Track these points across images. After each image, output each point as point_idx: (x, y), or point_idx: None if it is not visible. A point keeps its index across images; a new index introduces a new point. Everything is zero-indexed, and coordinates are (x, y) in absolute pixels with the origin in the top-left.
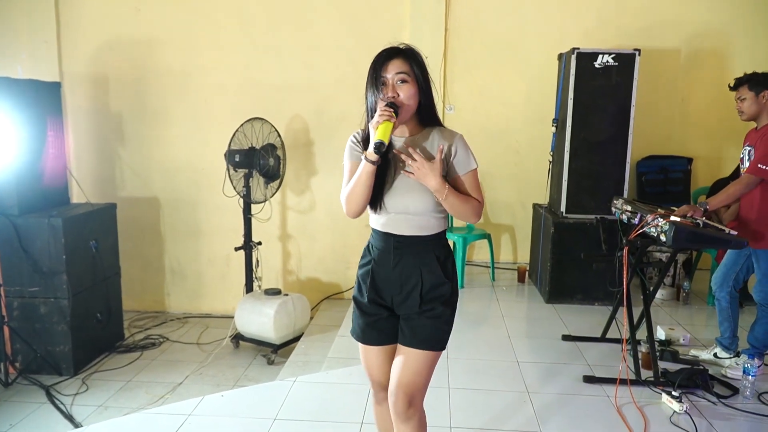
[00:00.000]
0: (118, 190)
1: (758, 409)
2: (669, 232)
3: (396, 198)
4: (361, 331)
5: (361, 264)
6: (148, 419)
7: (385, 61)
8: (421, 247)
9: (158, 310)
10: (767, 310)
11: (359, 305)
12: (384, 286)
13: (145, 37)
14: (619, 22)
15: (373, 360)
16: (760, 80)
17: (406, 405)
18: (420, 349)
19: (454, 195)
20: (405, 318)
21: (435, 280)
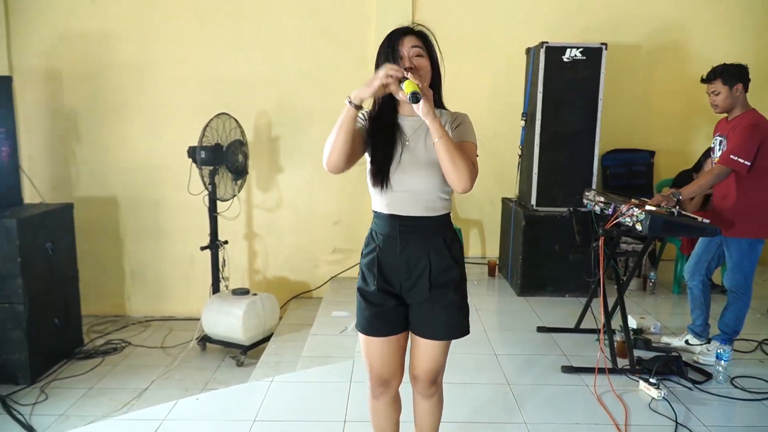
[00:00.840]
0: (74, 189)
1: (732, 393)
2: (645, 222)
3: (402, 175)
4: (368, 322)
5: (364, 253)
6: (120, 426)
7: (401, 36)
8: (428, 230)
9: (118, 314)
10: (738, 296)
11: (365, 296)
12: (391, 272)
13: (100, 30)
14: (582, 18)
15: (378, 352)
16: (733, 73)
17: (429, 385)
18: (440, 340)
19: (452, 140)
20: (417, 307)
21: (443, 264)
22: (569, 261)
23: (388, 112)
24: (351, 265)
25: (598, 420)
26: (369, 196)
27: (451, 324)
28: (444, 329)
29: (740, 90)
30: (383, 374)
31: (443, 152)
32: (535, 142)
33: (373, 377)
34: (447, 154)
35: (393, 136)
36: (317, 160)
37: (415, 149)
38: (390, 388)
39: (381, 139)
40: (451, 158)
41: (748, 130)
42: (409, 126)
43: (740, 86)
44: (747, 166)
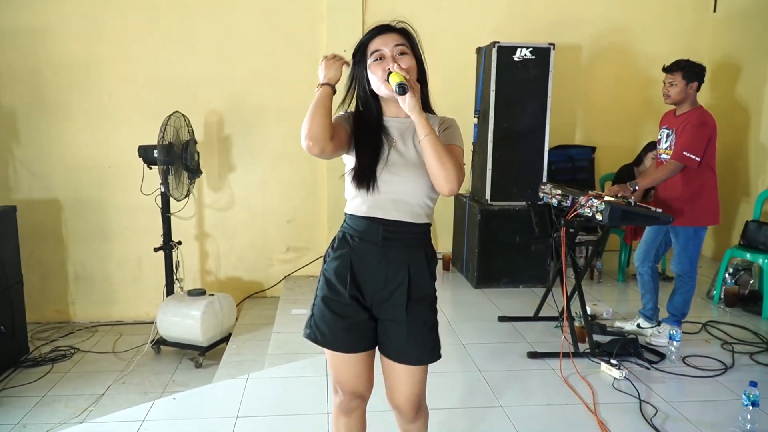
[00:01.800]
0: (13, 192)
1: (685, 371)
2: (605, 211)
3: (389, 176)
4: (336, 337)
5: (333, 257)
6: (99, 429)
7: (379, 34)
8: (411, 240)
9: (62, 321)
10: (684, 280)
11: (331, 306)
12: (365, 280)
13: (40, 26)
14: (527, 19)
15: (348, 368)
16: (694, 71)
17: (415, 413)
18: (418, 365)
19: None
20: (389, 325)
21: (422, 279)
22: (523, 253)
23: (373, 113)
24: (305, 263)
25: (569, 401)
26: (322, 192)
27: (426, 349)
28: (423, 352)
29: (694, 88)
30: (357, 389)
31: (430, 150)
32: (488, 138)
33: (345, 393)
34: (434, 152)
35: (379, 136)
36: (270, 157)
37: (402, 150)
38: (364, 401)
39: (367, 138)
40: (438, 157)
41: (699, 128)
42: (395, 127)
43: (695, 84)
44: (698, 162)
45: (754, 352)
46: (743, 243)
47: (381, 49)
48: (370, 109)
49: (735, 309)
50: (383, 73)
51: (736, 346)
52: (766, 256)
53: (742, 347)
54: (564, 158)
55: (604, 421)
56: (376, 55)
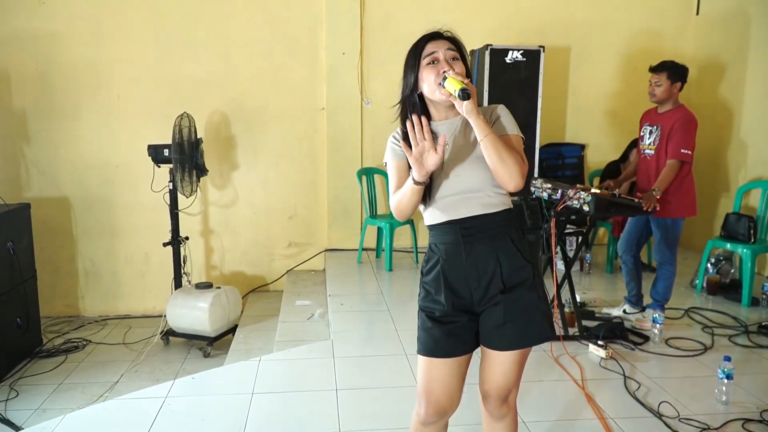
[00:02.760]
0: (24, 190)
1: (667, 351)
2: (591, 203)
3: (448, 182)
4: (435, 342)
5: (427, 269)
6: (126, 405)
7: (431, 39)
8: (491, 229)
9: (72, 315)
10: (665, 267)
11: (432, 315)
12: (459, 284)
13: (49, 31)
14: (518, 22)
15: (442, 376)
16: (678, 71)
17: (500, 404)
18: (513, 350)
19: (497, 136)
20: (489, 313)
21: (514, 264)
22: None
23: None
24: (306, 258)
25: (559, 377)
26: (323, 190)
27: (526, 329)
28: (517, 337)
29: (678, 88)
30: (442, 402)
31: (491, 150)
32: None
33: (430, 405)
34: (494, 152)
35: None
36: (272, 156)
37: (456, 150)
38: (444, 418)
39: None
40: (499, 156)
41: (688, 125)
42: (445, 130)
43: (679, 84)
44: (691, 156)
45: (732, 335)
46: (724, 234)
47: (434, 51)
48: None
49: (717, 297)
50: (437, 77)
51: (716, 330)
52: (745, 247)
53: (721, 330)
54: (554, 155)
55: (591, 395)
56: (430, 59)
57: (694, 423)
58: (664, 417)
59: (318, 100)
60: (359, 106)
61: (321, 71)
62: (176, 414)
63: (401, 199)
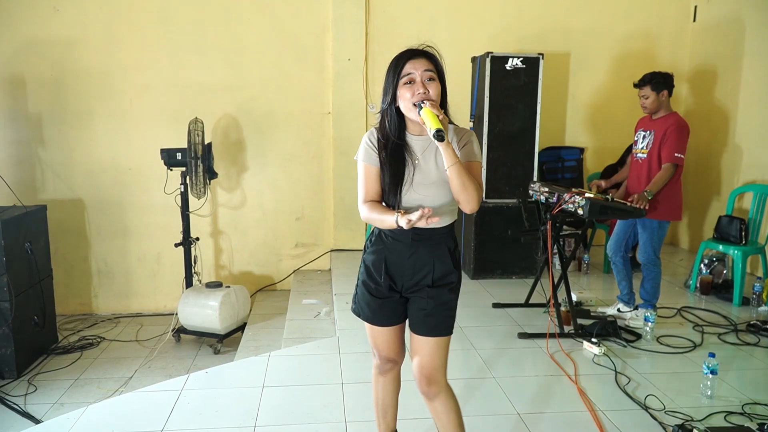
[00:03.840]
0: (39, 192)
1: (658, 349)
2: (585, 206)
3: (414, 195)
4: (373, 313)
5: (371, 251)
6: (143, 397)
7: (411, 58)
8: (436, 239)
9: (85, 313)
10: (650, 268)
11: (369, 289)
12: (396, 272)
13: (64, 38)
14: (519, 29)
15: (384, 338)
16: (660, 81)
17: (427, 384)
18: (431, 336)
19: (462, 166)
20: (414, 305)
21: (445, 269)
22: (515, 247)
23: (398, 134)
24: (313, 258)
25: (554, 373)
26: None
27: (443, 323)
28: (435, 326)
29: (665, 95)
30: (390, 356)
31: (455, 179)
32: (483, 141)
33: (381, 358)
34: (459, 181)
35: (403, 157)
36: (280, 159)
37: (426, 168)
38: (397, 365)
39: (391, 161)
40: (462, 184)
41: (681, 130)
42: (418, 145)
43: (665, 92)
44: (683, 159)
45: (722, 333)
46: (717, 236)
47: (412, 72)
48: (394, 126)
49: (709, 296)
50: (412, 96)
51: (706, 328)
52: (736, 248)
53: (712, 329)
54: (554, 159)
55: (584, 389)
56: (407, 79)
57: (678, 415)
58: (650, 409)
59: (324, 105)
60: (364, 110)
61: (327, 77)
62: (192, 406)
63: (374, 220)
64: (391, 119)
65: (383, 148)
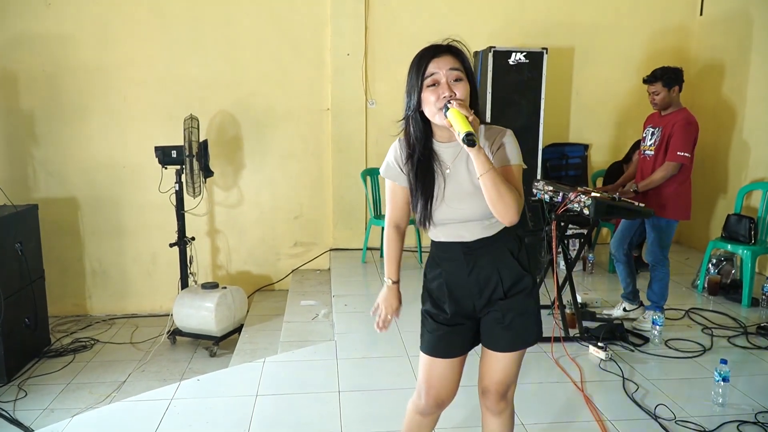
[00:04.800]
0: (32, 191)
1: (667, 353)
2: (591, 206)
3: (448, 210)
4: (438, 341)
5: (430, 277)
6: (131, 407)
7: (434, 57)
8: (492, 246)
9: (80, 314)
10: (657, 268)
11: (435, 318)
12: (462, 295)
13: (56, 33)
14: (522, 23)
15: (441, 373)
16: (671, 76)
17: (499, 400)
18: (511, 351)
19: (497, 172)
20: (490, 317)
21: (515, 276)
22: None
23: (424, 143)
24: (312, 257)
25: (559, 379)
26: (328, 190)
27: (523, 335)
28: (515, 339)
29: (676, 91)
30: (441, 395)
31: (489, 187)
32: None
33: (430, 397)
34: (493, 190)
35: (431, 168)
36: (278, 157)
37: (458, 178)
38: (442, 408)
39: (418, 175)
40: (498, 192)
41: (687, 127)
42: (448, 154)
43: (676, 88)
44: (690, 159)
45: (732, 336)
46: (725, 235)
47: (436, 72)
48: (420, 133)
49: (717, 297)
50: (437, 100)
51: (715, 331)
52: (745, 248)
53: (721, 332)
54: (558, 155)
55: (590, 396)
56: (431, 80)
57: (690, 425)
58: (660, 419)
59: (323, 101)
60: (364, 106)
61: (326, 72)
62: (182, 416)
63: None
64: (416, 126)
65: (408, 160)
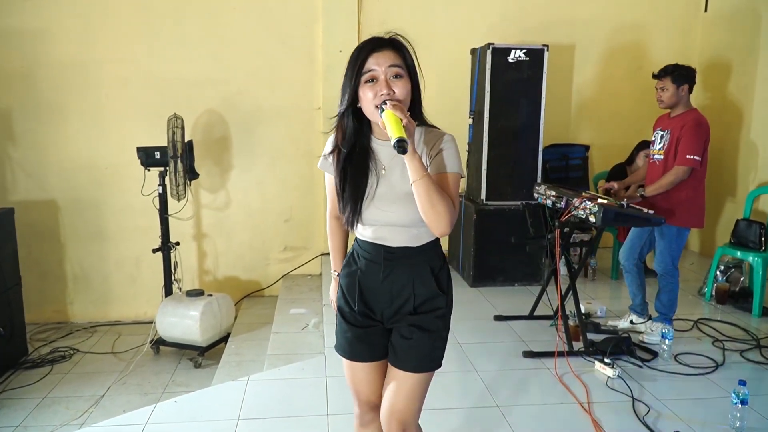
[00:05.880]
0: (9, 193)
1: (677, 369)
2: (598, 213)
3: (378, 212)
4: (349, 345)
5: (344, 273)
6: None
7: (373, 51)
8: (414, 258)
9: (60, 321)
10: (667, 279)
11: (345, 316)
12: (372, 298)
13: (34, 27)
14: (521, 20)
15: (362, 377)
16: (682, 74)
17: (399, 428)
18: (415, 372)
19: (432, 180)
20: (396, 333)
21: (429, 293)
22: (518, 252)
23: (358, 140)
24: (303, 262)
25: (563, 399)
26: (319, 191)
27: (428, 356)
28: (419, 360)
29: (686, 90)
30: (371, 400)
31: (422, 195)
32: (483, 139)
33: (361, 404)
34: (425, 198)
35: (365, 166)
36: (267, 157)
37: (391, 180)
38: (377, 410)
39: (351, 171)
40: (430, 201)
41: (696, 129)
42: (386, 152)
43: (686, 87)
44: (699, 162)
45: (744, 350)
46: (734, 241)
47: (374, 69)
48: (351, 132)
49: (726, 306)
50: (374, 97)
51: (726, 344)
52: (755, 254)
53: (732, 344)
54: (558, 157)
55: (598, 420)
56: (368, 76)
57: None
58: None
59: (314, 100)
60: None
61: (317, 70)
62: None
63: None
64: (349, 123)
65: (342, 155)
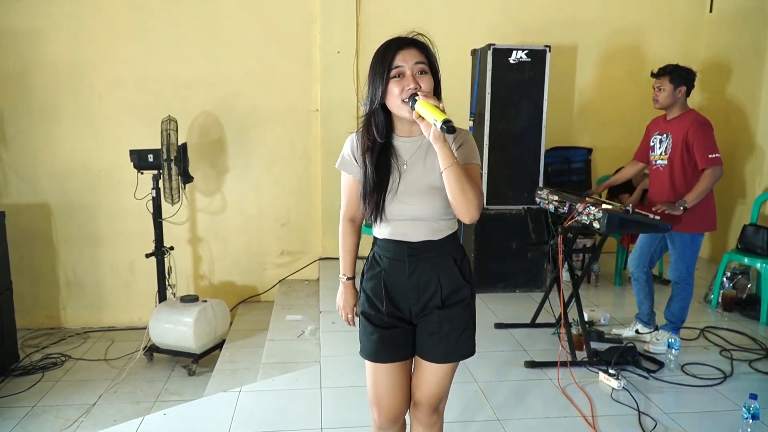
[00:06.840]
0: (1, 196)
1: (684, 380)
2: (603, 219)
3: (401, 206)
4: (375, 347)
5: (368, 276)
6: None
7: (399, 49)
8: (437, 251)
9: (53, 327)
10: (681, 287)
11: (371, 319)
12: (400, 297)
13: (27, 28)
14: (522, 20)
15: (385, 381)
16: (681, 75)
17: (431, 413)
18: (446, 362)
19: (461, 167)
20: (425, 327)
21: (454, 284)
22: (519, 257)
23: (381, 132)
24: (299, 267)
25: (566, 413)
26: (317, 195)
27: (458, 346)
28: (449, 351)
29: (683, 93)
30: (393, 409)
31: (454, 182)
32: (484, 141)
33: (382, 413)
34: (458, 185)
35: (388, 163)
36: (263, 160)
37: (412, 174)
38: (397, 422)
39: (374, 168)
40: (461, 188)
41: (704, 129)
42: (406, 148)
43: (684, 89)
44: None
45: (753, 359)
46: (741, 247)
47: (401, 65)
48: (383, 127)
49: (733, 313)
50: (401, 92)
51: (734, 353)
52: (763, 261)
53: (740, 354)
54: (560, 160)
55: None
56: (396, 72)
57: None
58: None
59: (312, 101)
60: (355, 107)
61: (315, 71)
62: None
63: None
64: (379, 120)
65: (367, 153)
